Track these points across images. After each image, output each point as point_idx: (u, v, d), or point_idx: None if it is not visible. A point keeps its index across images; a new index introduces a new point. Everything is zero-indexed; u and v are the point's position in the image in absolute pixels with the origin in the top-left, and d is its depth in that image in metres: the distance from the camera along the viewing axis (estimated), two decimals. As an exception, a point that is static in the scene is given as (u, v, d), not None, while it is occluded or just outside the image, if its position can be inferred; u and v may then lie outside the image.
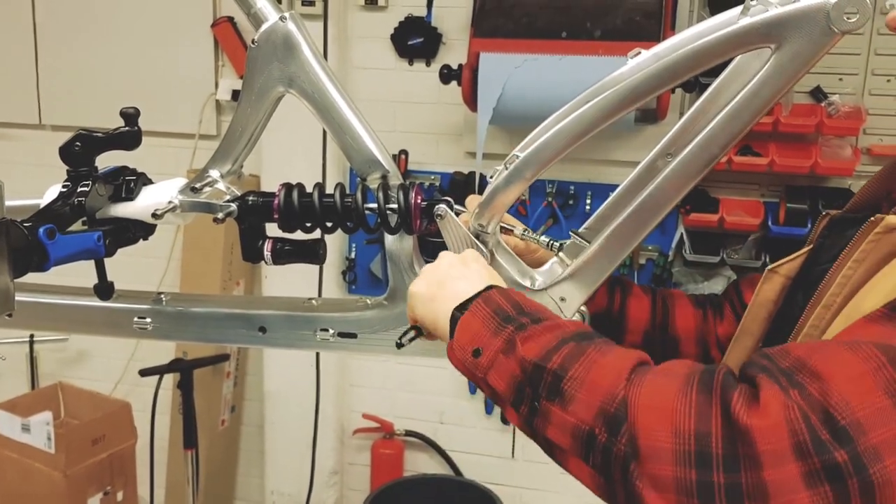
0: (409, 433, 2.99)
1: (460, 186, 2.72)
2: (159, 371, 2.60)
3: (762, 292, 1.08)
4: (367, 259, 2.88)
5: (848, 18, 0.73)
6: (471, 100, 2.44)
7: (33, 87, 3.14)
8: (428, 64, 2.75)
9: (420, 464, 3.05)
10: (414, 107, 2.79)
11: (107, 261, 0.97)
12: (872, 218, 0.83)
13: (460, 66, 2.48)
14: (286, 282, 2.68)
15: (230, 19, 2.88)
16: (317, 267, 2.76)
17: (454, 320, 0.79)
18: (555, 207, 2.69)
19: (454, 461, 2.99)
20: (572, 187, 2.69)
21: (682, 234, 2.59)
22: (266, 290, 2.96)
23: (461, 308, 0.80)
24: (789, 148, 2.45)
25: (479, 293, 0.80)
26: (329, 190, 0.96)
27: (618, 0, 2.31)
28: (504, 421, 2.90)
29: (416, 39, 2.70)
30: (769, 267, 1.11)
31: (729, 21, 0.80)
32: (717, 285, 2.60)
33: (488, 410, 2.93)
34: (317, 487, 3.00)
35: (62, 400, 2.83)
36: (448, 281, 0.84)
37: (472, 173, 2.70)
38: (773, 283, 1.10)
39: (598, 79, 0.88)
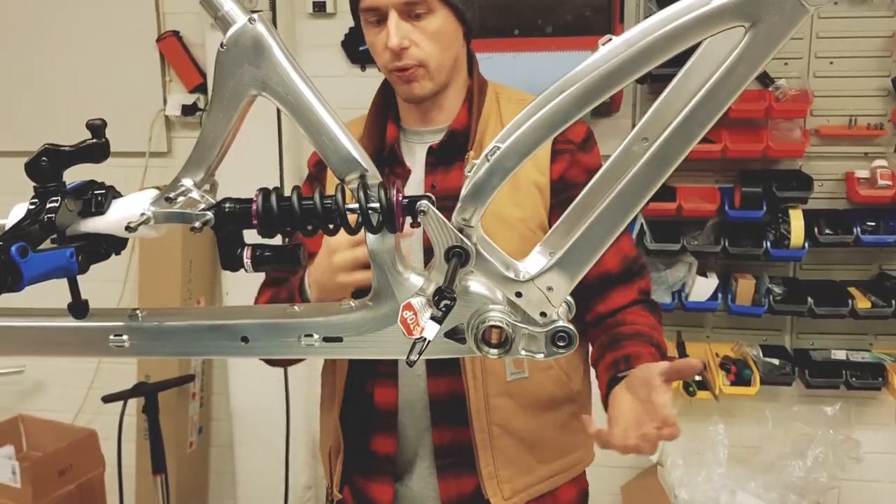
0: (382, 441, 2.96)
1: (420, 190, 2.71)
2: (123, 396, 2.54)
3: None
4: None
5: (818, -6, 0.75)
6: (427, 102, 2.44)
7: (-28, 112, 3.05)
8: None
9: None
10: (368, 113, 2.78)
11: (59, 286, 0.93)
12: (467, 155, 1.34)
13: (415, 69, 2.47)
14: (248, 296, 2.63)
15: (175, 33, 2.84)
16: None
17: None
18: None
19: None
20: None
21: (641, 224, 2.63)
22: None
23: None
24: (741, 133, 2.51)
25: None
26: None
27: (566, -4, 2.34)
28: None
29: (366, 45, 2.69)
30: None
31: (700, 2, 0.81)
32: (678, 272, 2.64)
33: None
34: (291, 503, 2.96)
35: (24, 432, 2.75)
36: None
37: (431, 176, 2.69)
38: None
39: (552, 74, 0.89)
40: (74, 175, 0.95)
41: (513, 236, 1.33)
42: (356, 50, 2.71)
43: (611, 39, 0.89)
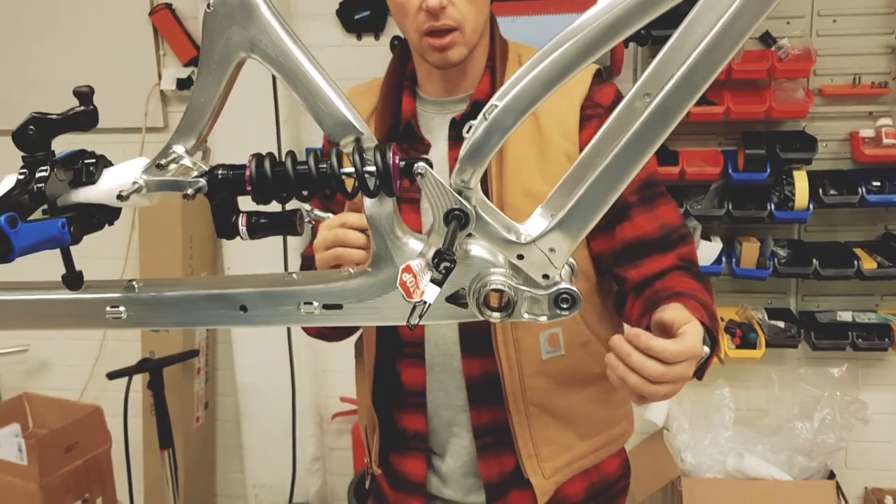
0: (388, 412, 2.96)
1: (420, 159, 2.69)
2: (128, 373, 2.53)
3: None
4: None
5: (825, -66, 0.72)
6: (424, 69, 2.41)
7: (-35, 90, 3.02)
8: (377, 38, 2.70)
9: (401, 442, 3.03)
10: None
11: (54, 260, 0.92)
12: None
13: (411, 36, 2.43)
14: (250, 269, 2.63)
15: (168, 6, 2.80)
16: (281, 252, 2.71)
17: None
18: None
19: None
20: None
21: (644, 189, 2.60)
22: (230, 281, 2.90)
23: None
24: (743, 94, 2.48)
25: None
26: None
27: (565, -43, 2.29)
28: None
29: (362, 13, 2.65)
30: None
31: (701, -52, 0.79)
32: (682, 237, 2.62)
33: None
34: (299, 476, 2.97)
35: (29, 410, 2.75)
36: None
37: (430, 145, 2.66)
38: None
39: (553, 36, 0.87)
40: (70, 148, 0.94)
41: None
42: (352, 19, 2.67)
43: (609, -8, 0.87)
